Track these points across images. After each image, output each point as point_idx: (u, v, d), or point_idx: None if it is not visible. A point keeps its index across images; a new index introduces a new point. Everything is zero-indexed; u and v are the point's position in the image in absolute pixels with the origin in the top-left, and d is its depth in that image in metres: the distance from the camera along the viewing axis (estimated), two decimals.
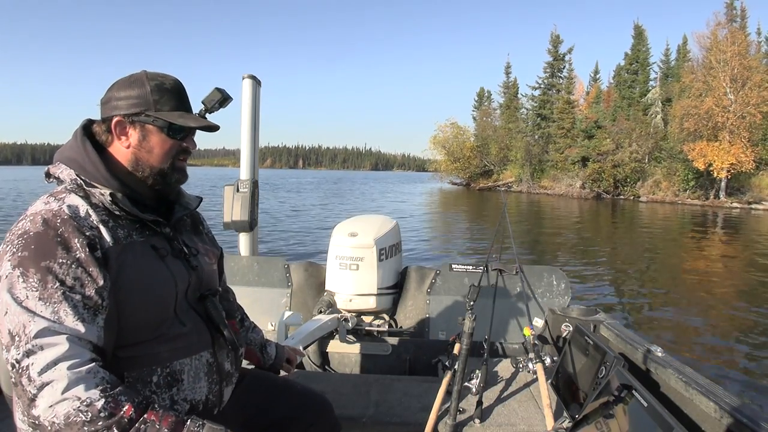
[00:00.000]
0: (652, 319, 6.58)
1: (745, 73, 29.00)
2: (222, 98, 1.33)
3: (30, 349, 0.93)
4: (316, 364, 2.78)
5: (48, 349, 0.93)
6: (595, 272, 9.41)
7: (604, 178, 35.85)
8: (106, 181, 1.13)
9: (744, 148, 28.18)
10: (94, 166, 1.13)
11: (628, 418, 1.35)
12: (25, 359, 0.93)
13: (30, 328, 0.94)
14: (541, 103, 46.35)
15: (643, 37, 42.66)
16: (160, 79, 1.20)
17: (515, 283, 2.79)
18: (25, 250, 0.98)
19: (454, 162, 50.40)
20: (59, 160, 1.16)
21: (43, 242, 1.00)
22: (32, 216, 1.03)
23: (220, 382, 1.25)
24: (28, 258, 0.98)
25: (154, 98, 1.17)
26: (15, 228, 1.03)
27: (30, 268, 0.97)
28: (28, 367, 0.92)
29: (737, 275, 9.81)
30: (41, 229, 1.01)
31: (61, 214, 1.03)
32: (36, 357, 0.92)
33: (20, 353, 0.93)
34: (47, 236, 1.00)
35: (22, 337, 0.93)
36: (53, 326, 0.95)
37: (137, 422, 0.95)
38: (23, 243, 0.99)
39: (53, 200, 1.07)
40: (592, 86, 52.04)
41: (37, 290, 0.96)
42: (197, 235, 1.39)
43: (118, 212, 1.11)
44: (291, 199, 28.73)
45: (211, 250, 1.40)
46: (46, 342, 0.93)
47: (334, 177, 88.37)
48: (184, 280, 1.20)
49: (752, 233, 16.94)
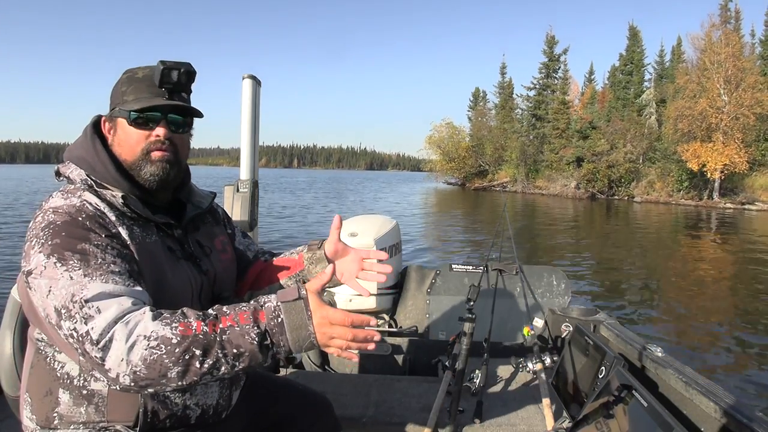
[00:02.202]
0: (650, 318, 6.62)
1: (739, 75, 29.20)
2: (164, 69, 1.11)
3: (85, 314, 0.90)
4: (316, 364, 2.78)
5: (105, 311, 0.91)
6: (592, 272, 9.46)
7: (599, 179, 36.00)
8: (116, 182, 1.11)
9: (737, 149, 28.37)
10: (104, 166, 1.11)
11: (628, 418, 1.35)
12: (83, 326, 0.90)
13: (80, 295, 0.92)
14: (536, 103, 46.47)
15: (637, 38, 42.87)
16: (135, 70, 1.16)
17: (515, 283, 2.79)
18: (56, 238, 0.97)
19: (450, 162, 50.41)
20: (69, 159, 1.14)
21: (74, 229, 0.98)
22: (53, 209, 1.02)
23: (230, 386, 1.25)
24: (60, 244, 0.96)
25: (122, 90, 1.14)
26: (36, 223, 1.01)
27: (66, 251, 0.95)
28: (88, 332, 0.89)
29: (733, 274, 9.90)
30: (69, 219, 0.99)
31: (85, 209, 1.03)
32: (94, 321, 0.90)
33: (76, 321, 0.91)
34: (77, 224, 0.99)
35: (73, 307, 0.91)
36: (106, 288, 0.93)
37: (214, 333, 0.90)
38: (52, 232, 0.98)
39: (71, 196, 1.05)
40: (586, 87, 52.16)
41: (80, 269, 0.94)
42: (218, 226, 1.36)
43: (130, 214, 1.09)
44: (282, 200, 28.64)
45: (229, 243, 1.37)
46: (101, 304, 0.91)
47: (326, 177, 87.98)
48: (196, 283, 1.18)
49: (747, 233, 17.05)
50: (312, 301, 0.96)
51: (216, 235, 1.33)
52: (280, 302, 0.95)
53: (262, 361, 0.94)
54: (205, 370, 0.90)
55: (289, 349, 0.95)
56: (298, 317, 0.94)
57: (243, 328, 0.91)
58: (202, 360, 0.89)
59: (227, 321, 0.92)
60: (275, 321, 0.93)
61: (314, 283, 1.01)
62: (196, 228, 1.27)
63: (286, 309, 0.95)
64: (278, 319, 0.94)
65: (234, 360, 0.91)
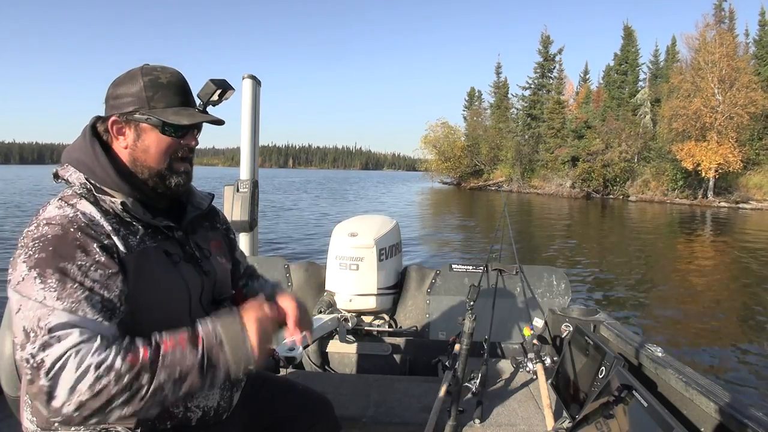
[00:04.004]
0: (649, 318, 6.63)
1: (733, 74, 29.32)
2: (218, 90, 1.22)
3: (46, 341, 0.90)
4: (316, 364, 2.78)
5: (64, 340, 0.91)
6: (590, 272, 9.48)
7: (594, 178, 36.10)
8: (116, 185, 1.10)
9: (732, 148, 28.49)
10: (103, 170, 1.10)
11: (628, 418, 1.36)
12: (40, 353, 0.89)
13: (46, 320, 0.91)
14: (532, 103, 46.54)
15: (632, 37, 42.96)
16: (156, 73, 1.14)
17: (515, 283, 2.79)
18: (42, 252, 0.96)
19: (445, 161, 50.47)
20: (68, 161, 1.12)
21: (62, 245, 0.97)
22: (47, 220, 1.01)
23: (231, 388, 1.25)
24: (45, 260, 0.95)
25: (147, 95, 1.12)
26: (28, 232, 1.00)
27: (47, 269, 0.94)
28: (43, 360, 0.89)
29: (731, 273, 9.93)
30: (59, 233, 0.98)
31: (77, 220, 1.01)
32: (52, 349, 0.90)
33: (35, 348, 0.90)
34: (66, 239, 0.98)
35: (38, 332, 0.91)
36: (71, 319, 0.93)
37: (160, 359, 0.94)
38: (40, 245, 0.97)
39: (66, 205, 1.04)
40: (581, 86, 52.38)
41: (55, 290, 0.94)
42: (213, 231, 1.36)
43: (129, 219, 1.09)
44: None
45: (224, 248, 1.37)
46: (62, 334, 0.91)
47: (320, 177, 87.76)
48: (197, 285, 1.18)
49: (742, 232, 17.13)
50: (246, 319, 1.04)
51: (211, 239, 1.33)
52: (218, 323, 1.02)
53: (202, 384, 0.98)
54: (148, 398, 0.93)
55: (229, 368, 1.01)
56: (235, 336, 1.02)
57: (183, 352, 0.96)
58: (147, 387, 0.92)
59: (168, 345, 0.96)
60: (215, 340, 1.00)
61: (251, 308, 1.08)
62: (194, 230, 1.27)
63: (224, 328, 1.02)
64: (217, 338, 1.00)
65: (175, 385, 0.95)
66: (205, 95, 1.21)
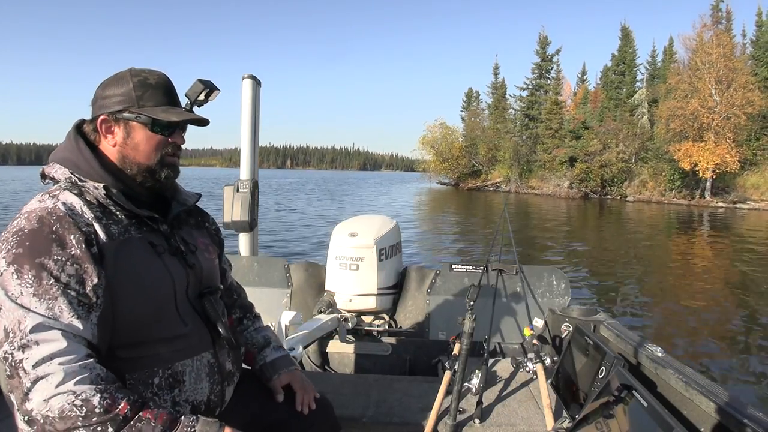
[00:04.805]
0: (649, 318, 6.64)
1: (731, 75, 29.35)
2: (205, 89, 1.29)
3: (25, 343, 0.93)
4: (316, 364, 2.78)
5: (43, 344, 0.93)
6: (589, 272, 9.50)
7: (592, 178, 36.11)
8: (100, 176, 1.13)
9: (729, 148, 28.51)
10: (87, 163, 1.13)
11: (628, 418, 1.36)
12: (20, 353, 0.93)
13: (25, 323, 0.94)
14: (529, 103, 46.55)
15: (629, 38, 43.04)
16: (144, 75, 1.19)
17: (515, 283, 2.80)
18: (19, 247, 0.98)
19: (443, 162, 50.47)
20: (54, 160, 1.16)
21: (38, 239, 1.00)
22: (27, 214, 1.04)
23: (221, 382, 1.25)
24: (22, 255, 0.98)
25: (137, 94, 1.16)
26: (10, 226, 1.03)
27: (24, 264, 0.97)
28: (22, 360, 0.92)
29: (730, 273, 9.94)
30: (36, 227, 1.01)
31: (56, 211, 1.04)
32: (31, 351, 0.93)
33: (15, 347, 0.93)
34: (42, 233, 1.00)
35: (17, 332, 0.94)
36: (48, 321, 0.95)
37: (132, 420, 0.95)
38: (18, 240, 0.99)
39: (48, 198, 1.07)
40: (579, 87, 52.33)
41: (31, 286, 0.96)
42: (198, 230, 1.38)
43: (113, 207, 1.11)
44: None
45: (212, 245, 1.39)
46: (41, 337, 0.94)
47: (317, 178, 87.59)
48: (182, 278, 1.19)
49: (739, 232, 17.15)
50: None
51: (198, 237, 1.35)
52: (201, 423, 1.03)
53: None
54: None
55: None
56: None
57: (154, 427, 0.97)
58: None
59: (147, 414, 0.98)
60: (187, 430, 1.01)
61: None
62: (180, 226, 1.30)
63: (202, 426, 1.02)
64: (192, 429, 1.01)
65: None
66: (193, 93, 1.29)
